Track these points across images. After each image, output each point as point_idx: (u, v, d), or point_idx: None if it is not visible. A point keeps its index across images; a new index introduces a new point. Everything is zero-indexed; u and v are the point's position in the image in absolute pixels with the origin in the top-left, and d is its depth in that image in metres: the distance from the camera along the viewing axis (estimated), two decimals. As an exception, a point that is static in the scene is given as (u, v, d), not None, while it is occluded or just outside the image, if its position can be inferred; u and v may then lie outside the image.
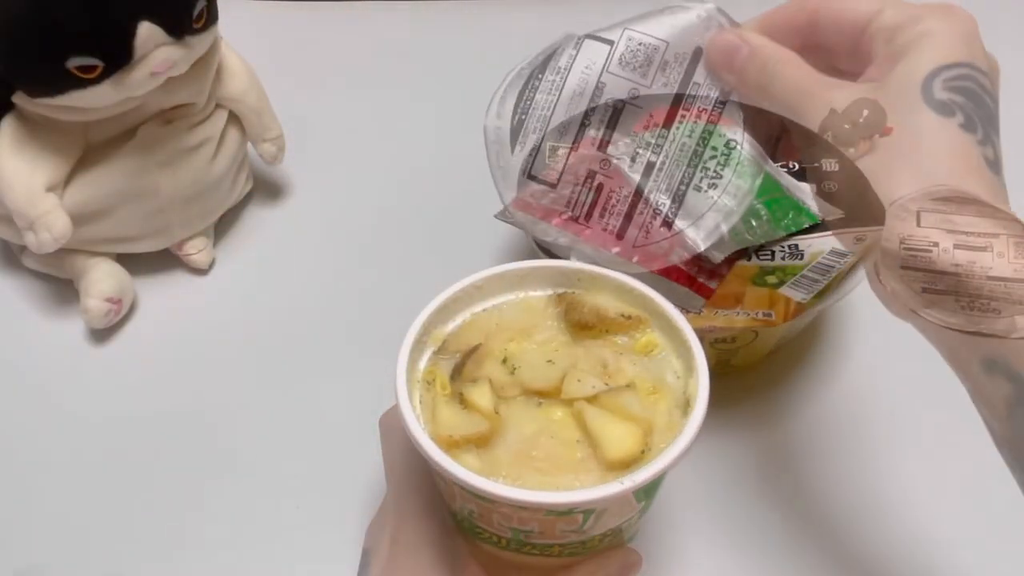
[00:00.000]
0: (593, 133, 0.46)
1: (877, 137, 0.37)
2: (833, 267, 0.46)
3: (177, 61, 0.51)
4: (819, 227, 0.45)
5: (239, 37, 0.60)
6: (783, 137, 0.46)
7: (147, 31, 0.48)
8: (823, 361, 0.56)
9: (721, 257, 0.45)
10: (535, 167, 0.47)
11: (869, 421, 0.52)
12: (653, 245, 0.45)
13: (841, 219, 0.43)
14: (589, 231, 0.46)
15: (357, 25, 0.81)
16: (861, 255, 0.46)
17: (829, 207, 0.43)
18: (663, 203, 0.45)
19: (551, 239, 0.46)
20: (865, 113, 0.37)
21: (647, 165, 0.45)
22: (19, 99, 0.52)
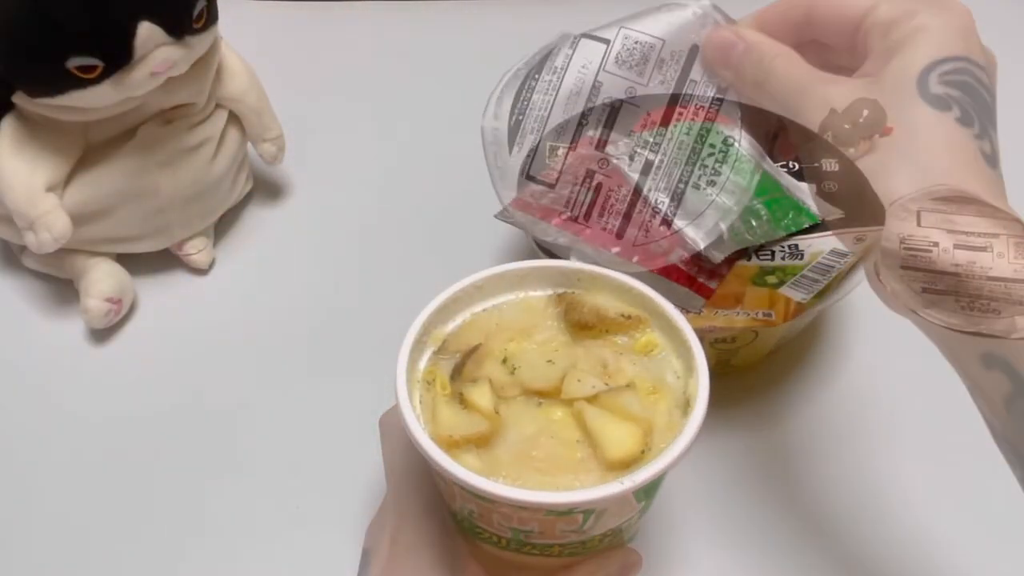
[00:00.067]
0: (591, 133, 0.46)
1: (877, 137, 0.37)
2: (833, 267, 0.46)
3: (177, 61, 0.51)
4: (819, 227, 0.45)
5: (239, 37, 0.60)
6: (780, 134, 0.46)
7: (147, 31, 0.48)
8: (823, 361, 0.56)
9: (721, 257, 0.45)
10: (534, 167, 0.46)
11: (869, 421, 0.52)
12: (653, 244, 0.45)
13: (841, 219, 0.43)
14: (589, 231, 0.46)
15: (357, 25, 0.81)
16: (861, 255, 0.46)
17: (829, 207, 0.43)
18: (662, 202, 0.45)
19: (551, 239, 0.46)
20: (865, 113, 0.37)
21: (645, 164, 0.45)
22: (19, 99, 0.52)
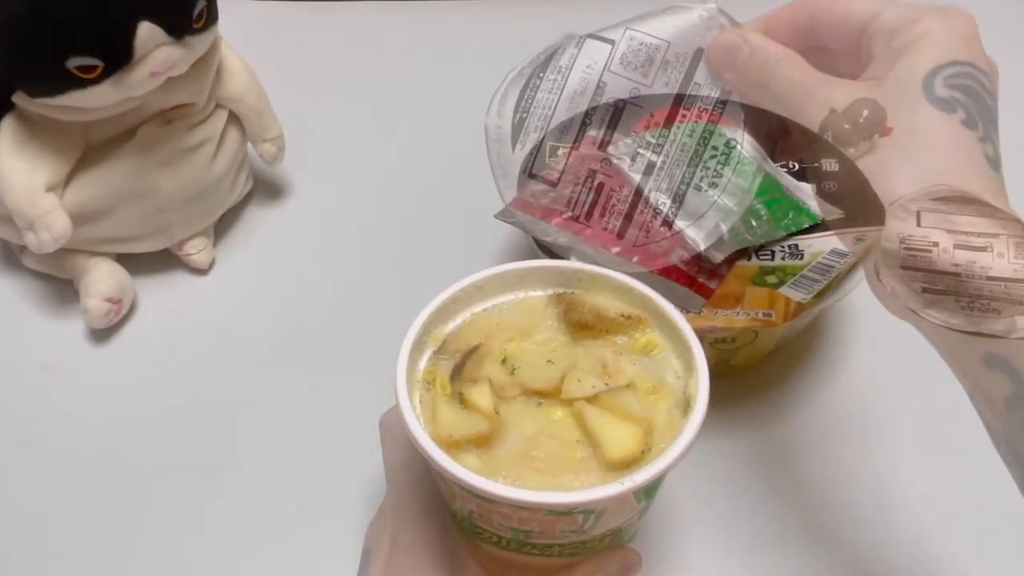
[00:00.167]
0: (594, 133, 0.46)
1: (877, 137, 0.37)
2: (833, 267, 0.46)
3: (177, 61, 0.51)
4: (819, 227, 0.45)
5: (239, 37, 0.60)
6: (783, 137, 0.46)
7: (147, 31, 0.48)
8: (823, 361, 0.56)
9: (721, 257, 0.45)
10: (536, 166, 0.47)
11: (869, 421, 0.52)
12: (653, 245, 0.45)
13: (841, 219, 0.43)
14: (589, 231, 0.46)
15: (357, 25, 0.81)
16: (861, 255, 0.46)
17: (829, 207, 0.43)
18: (663, 203, 0.45)
19: (551, 239, 0.46)
20: (865, 113, 0.37)
21: (647, 165, 0.45)
22: (19, 99, 0.52)
